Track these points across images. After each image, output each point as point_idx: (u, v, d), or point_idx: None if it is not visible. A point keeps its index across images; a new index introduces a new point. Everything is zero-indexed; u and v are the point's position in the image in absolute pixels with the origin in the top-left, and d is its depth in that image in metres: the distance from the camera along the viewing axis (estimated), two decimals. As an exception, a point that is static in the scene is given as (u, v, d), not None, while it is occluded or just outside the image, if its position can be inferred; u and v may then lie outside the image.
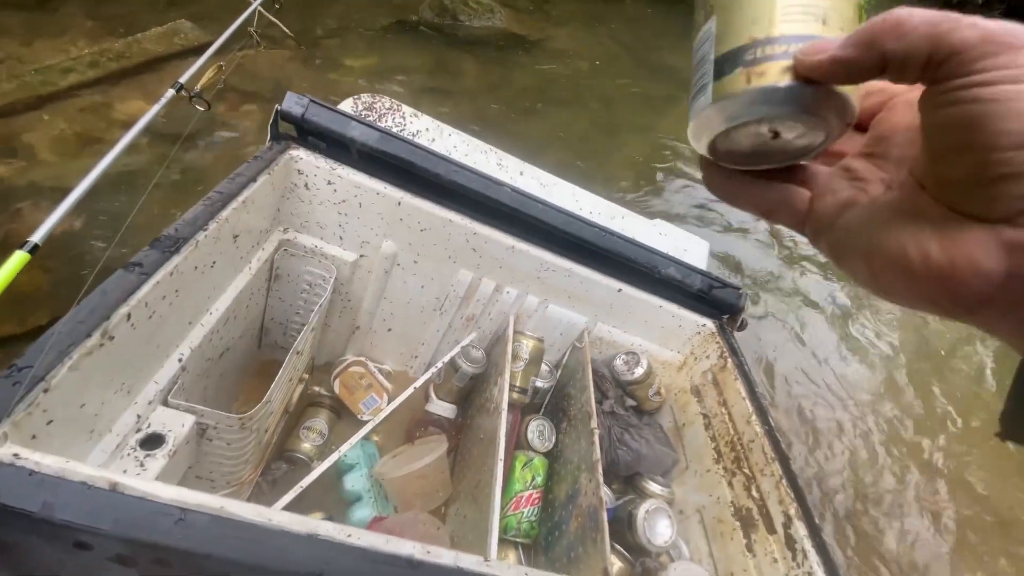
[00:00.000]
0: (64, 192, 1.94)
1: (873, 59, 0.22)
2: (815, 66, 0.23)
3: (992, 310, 0.21)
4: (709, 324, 1.26)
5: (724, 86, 0.25)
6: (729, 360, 1.16)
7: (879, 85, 0.28)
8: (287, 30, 3.09)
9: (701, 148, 0.28)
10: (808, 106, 0.24)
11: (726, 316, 1.27)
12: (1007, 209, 0.20)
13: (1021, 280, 0.20)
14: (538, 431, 1.17)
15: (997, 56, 0.20)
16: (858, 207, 0.26)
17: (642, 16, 6.52)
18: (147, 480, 0.48)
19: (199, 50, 2.95)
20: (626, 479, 1.19)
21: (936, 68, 0.21)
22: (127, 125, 2.32)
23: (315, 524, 0.50)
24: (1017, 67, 0.20)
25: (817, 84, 0.24)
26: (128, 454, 0.69)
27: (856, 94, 0.25)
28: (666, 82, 4.68)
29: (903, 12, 0.22)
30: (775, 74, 0.24)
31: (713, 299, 1.24)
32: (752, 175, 0.28)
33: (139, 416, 0.72)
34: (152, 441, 0.72)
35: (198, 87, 1.11)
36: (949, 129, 0.21)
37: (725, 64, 0.25)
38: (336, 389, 1.27)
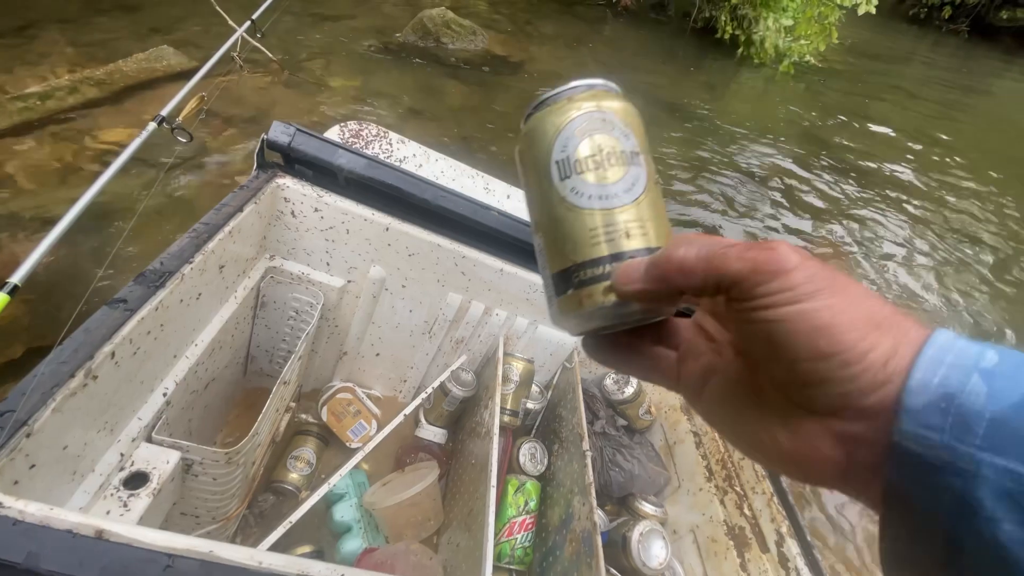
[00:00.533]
0: (44, 222, 1.92)
1: (672, 292, 0.26)
2: (629, 294, 0.27)
3: (848, 486, 0.23)
4: (696, 342, 1.27)
5: (564, 304, 0.29)
6: (717, 378, 1.17)
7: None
8: (270, 54, 3.10)
9: (570, 334, 0.32)
10: (636, 313, 0.29)
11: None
12: (828, 407, 0.22)
13: (861, 466, 0.22)
14: (530, 454, 1.16)
15: (770, 282, 0.23)
16: (717, 378, 0.28)
17: (621, 37, 6.68)
18: (133, 525, 0.47)
19: (181, 76, 2.95)
20: (619, 500, 1.18)
21: (726, 293, 0.24)
22: (109, 152, 2.31)
23: (306, 565, 0.49)
24: (790, 289, 0.22)
25: None
26: (111, 494, 0.68)
27: None
28: (646, 101, 4.77)
29: (679, 251, 0.25)
30: (600, 295, 0.28)
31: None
32: (624, 343, 0.31)
33: (122, 454, 0.70)
34: (136, 480, 0.71)
35: (179, 119, 1.11)
36: (753, 342, 0.24)
37: (559, 283, 0.29)
38: (324, 417, 1.25)
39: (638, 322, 0.30)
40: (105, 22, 3.42)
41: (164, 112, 1.09)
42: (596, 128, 0.29)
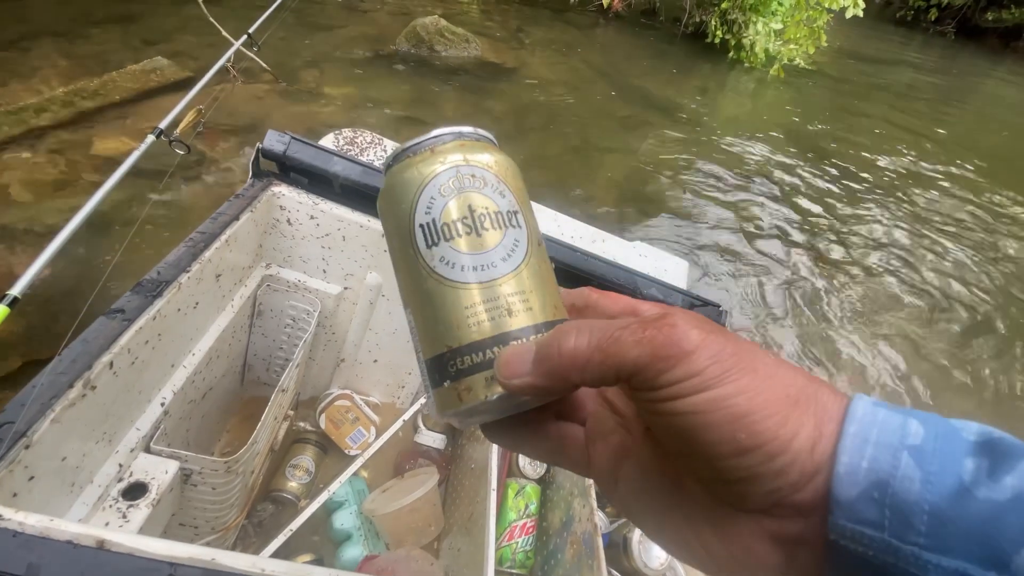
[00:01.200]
0: (38, 234, 1.91)
1: (567, 387, 0.23)
2: (516, 389, 0.23)
3: None
4: (693, 343, 1.28)
5: (442, 399, 0.25)
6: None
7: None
8: (264, 64, 3.11)
9: (457, 427, 0.28)
10: (522, 404, 0.25)
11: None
12: (758, 504, 0.20)
13: (803, 569, 0.20)
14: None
15: (674, 369, 0.20)
16: (631, 464, 0.25)
17: (614, 42, 6.73)
18: (134, 535, 0.47)
19: (176, 87, 2.96)
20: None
21: (627, 383, 0.21)
22: (103, 164, 2.31)
23: (308, 571, 0.50)
24: (696, 375, 0.20)
25: None
26: (110, 505, 0.67)
27: None
28: (639, 105, 4.80)
29: (569, 342, 0.22)
30: (482, 388, 0.24)
31: (695, 319, 1.26)
32: (523, 423, 0.27)
33: (121, 465, 0.70)
34: (135, 490, 0.70)
35: (177, 131, 1.11)
36: (665, 434, 0.22)
37: (435, 372, 0.25)
38: (322, 424, 1.25)
39: (528, 407, 0.26)
40: (98, 34, 3.43)
41: (162, 125, 1.10)
42: (466, 186, 0.25)
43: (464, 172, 0.26)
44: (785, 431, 0.19)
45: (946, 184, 4.72)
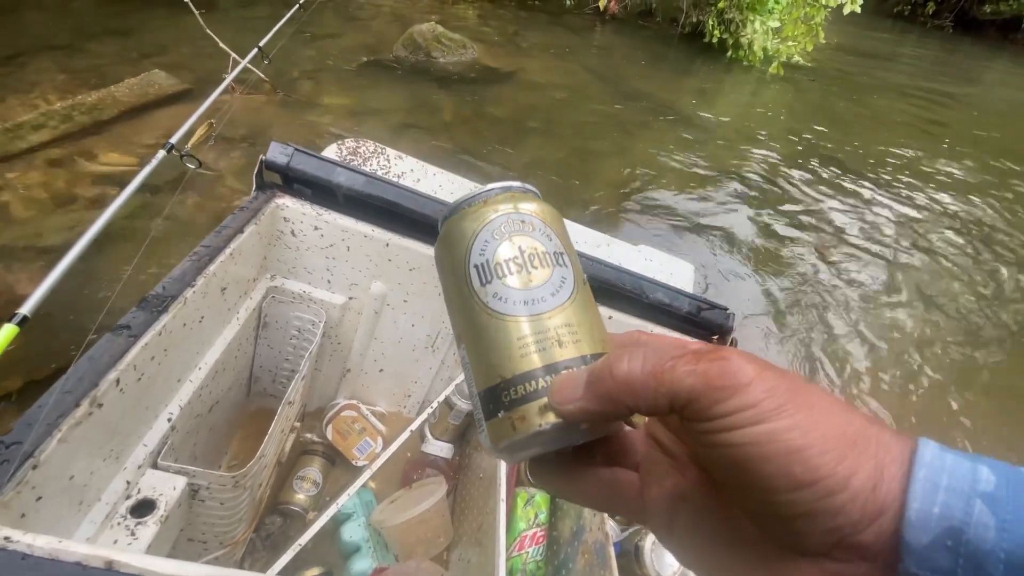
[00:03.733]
0: (39, 251, 1.91)
1: (620, 411, 0.23)
2: (570, 416, 0.23)
3: None
4: (700, 346, 1.27)
5: (496, 430, 0.25)
6: (723, 381, 1.17)
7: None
8: (262, 75, 3.11)
9: (509, 463, 0.28)
10: (579, 435, 0.26)
11: (716, 337, 1.28)
12: (817, 545, 0.20)
13: None
14: (538, 465, 1.16)
15: (729, 400, 0.20)
16: (687, 507, 0.25)
17: (610, 44, 6.74)
18: (142, 554, 0.46)
19: (174, 99, 2.97)
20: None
21: (680, 412, 0.21)
22: (103, 179, 2.31)
23: (321, 588, 0.49)
24: (751, 407, 0.20)
25: None
26: (118, 523, 0.67)
27: None
28: (637, 107, 4.81)
29: (622, 366, 0.22)
30: (534, 416, 0.24)
31: (702, 321, 1.25)
32: (575, 467, 0.27)
33: (128, 482, 0.70)
34: (143, 507, 0.70)
35: (188, 146, 1.11)
36: (719, 467, 0.21)
37: (488, 403, 0.26)
38: (329, 435, 1.24)
39: (581, 440, 0.27)
40: (95, 48, 3.45)
41: (173, 139, 1.09)
42: (515, 230, 0.28)
43: (514, 218, 0.28)
44: (843, 468, 0.19)
45: (948, 179, 4.71)
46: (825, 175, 4.31)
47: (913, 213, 4.03)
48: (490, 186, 0.30)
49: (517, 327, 0.25)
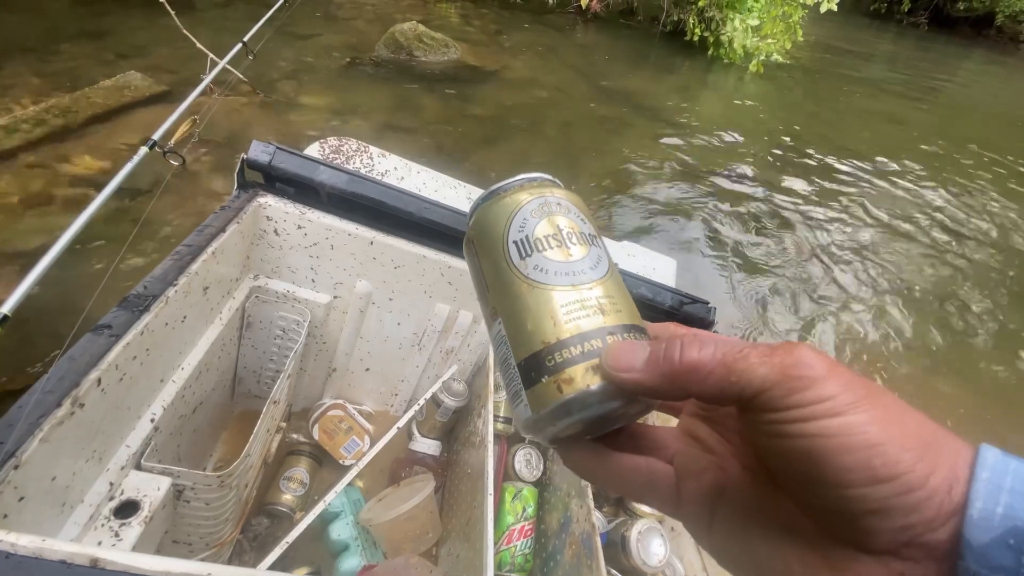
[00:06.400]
0: (14, 256, 1.87)
1: (679, 394, 0.23)
2: (624, 383, 0.23)
3: None
4: (683, 339, 1.29)
5: (538, 397, 0.25)
6: (705, 373, 1.19)
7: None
8: (241, 76, 3.08)
9: (542, 442, 0.28)
10: (618, 407, 0.25)
11: (699, 330, 1.30)
12: (886, 543, 0.19)
13: None
14: (525, 460, 1.17)
15: (805, 391, 0.20)
16: (728, 503, 0.24)
17: (593, 43, 6.78)
18: (128, 552, 0.46)
19: (151, 101, 2.92)
20: (616, 500, 1.19)
21: (747, 403, 0.21)
22: (78, 182, 2.27)
23: (309, 581, 0.49)
24: (828, 399, 0.20)
25: None
26: (102, 525, 0.66)
27: None
28: (621, 105, 4.84)
29: (692, 350, 0.22)
30: (581, 378, 0.24)
31: (684, 315, 1.27)
32: (612, 453, 0.27)
33: (112, 483, 0.69)
34: (127, 509, 0.69)
35: (171, 142, 1.10)
36: (786, 460, 0.21)
37: (530, 371, 0.26)
38: (315, 435, 1.24)
39: (617, 421, 0.27)
40: (69, 49, 3.38)
41: (156, 136, 1.08)
42: (553, 211, 0.29)
43: (550, 200, 0.29)
44: (922, 466, 0.19)
45: (925, 172, 4.81)
46: (805, 170, 4.38)
47: (891, 206, 4.12)
48: (522, 175, 0.31)
49: (559, 295, 0.26)
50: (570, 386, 0.24)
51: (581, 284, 0.26)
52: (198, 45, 2.77)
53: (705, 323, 1.29)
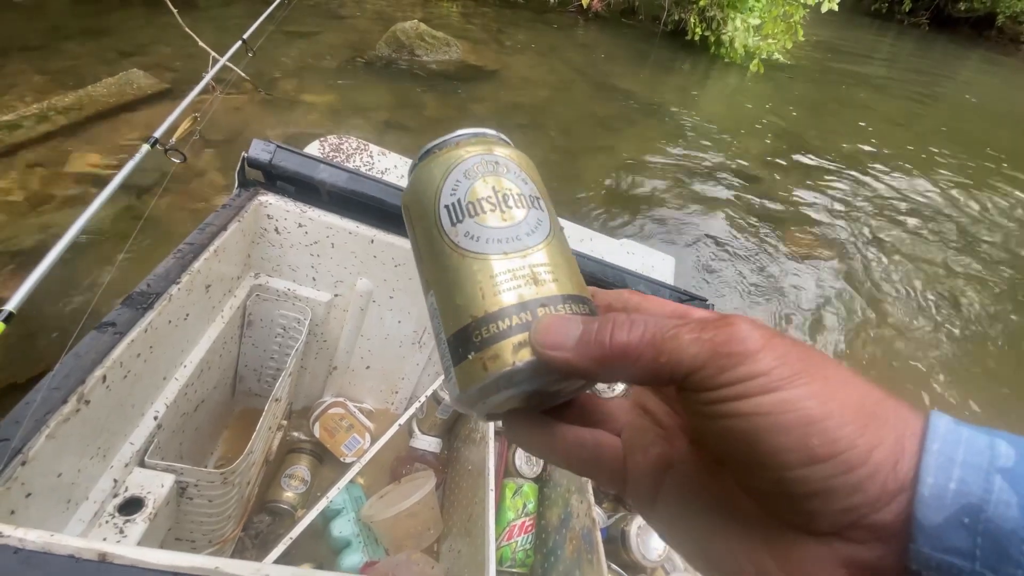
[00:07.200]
0: (13, 254, 1.88)
1: (611, 378, 0.22)
2: (553, 362, 0.21)
3: None
4: (682, 337, 1.30)
5: (466, 373, 0.24)
6: (705, 371, 1.20)
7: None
8: (243, 73, 3.09)
9: (478, 418, 0.27)
10: (549, 386, 0.24)
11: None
12: (830, 525, 0.18)
13: None
14: (526, 456, 1.17)
15: (737, 368, 0.19)
16: (674, 477, 0.23)
17: (593, 41, 6.77)
18: (135, 547, 0.47)
19: (153, 99, 2.93)
20: (615, 495, 1.19)
21: (681, 384, 0.20)
22: (81, 180, 2.27)
23: (311, 575, 0.50)
24: (762, 375, 0.18)
25: None
26: (107, 521, 0.67)
27: None
28: (621, 104, 4.84)
29: (620, 334, 0.21)
30: (508, 354, 0.22)
31: (684, 313, 1.28)
32: (556, 425, 0.25)
33: (116, 480, 0.70)
34: (131, 505, 0.70)
35: (173, 140, 1.11)
36: (723, 441, 0.20)
37: (459, 347, 0.24)
38: (316, 433, 1.25)
39: (557, 397, 0.26)
40: (72, 48, 3.39)
41: (157, 134, 1.09)
42: (490, 171, 0.26)
43: (488, 159, 0.27)
44: (864, 441, 0.17)
45: (926, 171, 4.81)
46: (805, 170, 4.38)
47: (892, 205, 4.12)
48: (460, 131, 0.28)
49: (489, 265, 0.24)
50: (495, 363, 0.22)
51: (515, 252, 0.24)
52: (200, 43, 2.78)
53: (704, 322, 1.29)
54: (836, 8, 6.45)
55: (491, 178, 0.26)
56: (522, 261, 0.24)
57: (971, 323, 3.02)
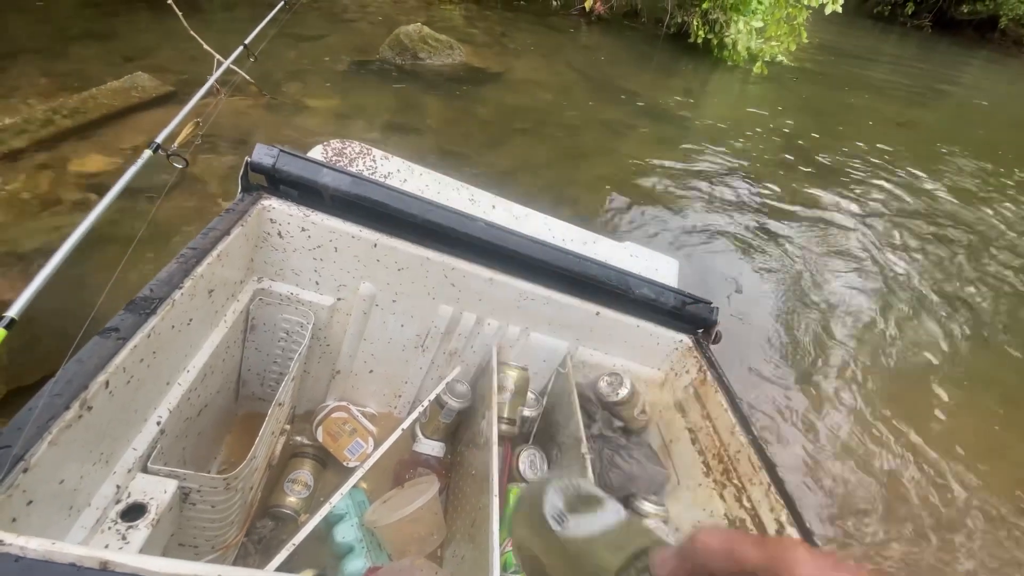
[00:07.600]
0: (17, 256, 1.89)
1: (697, 571, 0.27)
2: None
3: None
4: (685, 339, 1.29)
5: None
6: (708, 373, 1.19)
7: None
8: (247, 76, 3.09)
9: None
10: None
11: (701, 330, 1.30)
12: None
13: None
14: (529, 461, 1.17)
15: None
16: None
17: (596, 44, 6.77)
18: (136, 555, 0.46)
19: (158, 102, 2.94)
20: (620, 500, 1.18)
21: None
22: (86, 183, 2.28)
23: (315, 583, 0.49)
24: None
25: None
26: (109, 527, 0.67)
27: None
28: (625, 107, 4.84)
29: (703, 536, 0.27)
30: None
31: (687, 315, 1.27)
32: None
33: (118, 486, 0.70)
34: (134, 512, 0.70)
35: (175, 145, 1.11)
36: None
37: None
38: (319, 437, 1.24)
39: None
40: (78, 51, 3.40)
41: (159, 139, 1.09)
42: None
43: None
44: None
45: (930, 175, 4.79)
46: (808, 172, 4.36)
47: (896, 206, 4.10)
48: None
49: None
50: None
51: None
52: (204, 46, 2.79)
53: (708, 323, 1.29)
54: (839, 10, 6.44)
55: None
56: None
57: (983, 326, 3.00)
